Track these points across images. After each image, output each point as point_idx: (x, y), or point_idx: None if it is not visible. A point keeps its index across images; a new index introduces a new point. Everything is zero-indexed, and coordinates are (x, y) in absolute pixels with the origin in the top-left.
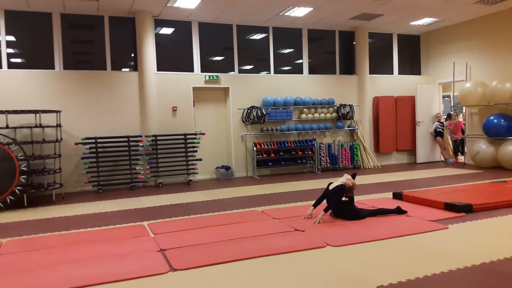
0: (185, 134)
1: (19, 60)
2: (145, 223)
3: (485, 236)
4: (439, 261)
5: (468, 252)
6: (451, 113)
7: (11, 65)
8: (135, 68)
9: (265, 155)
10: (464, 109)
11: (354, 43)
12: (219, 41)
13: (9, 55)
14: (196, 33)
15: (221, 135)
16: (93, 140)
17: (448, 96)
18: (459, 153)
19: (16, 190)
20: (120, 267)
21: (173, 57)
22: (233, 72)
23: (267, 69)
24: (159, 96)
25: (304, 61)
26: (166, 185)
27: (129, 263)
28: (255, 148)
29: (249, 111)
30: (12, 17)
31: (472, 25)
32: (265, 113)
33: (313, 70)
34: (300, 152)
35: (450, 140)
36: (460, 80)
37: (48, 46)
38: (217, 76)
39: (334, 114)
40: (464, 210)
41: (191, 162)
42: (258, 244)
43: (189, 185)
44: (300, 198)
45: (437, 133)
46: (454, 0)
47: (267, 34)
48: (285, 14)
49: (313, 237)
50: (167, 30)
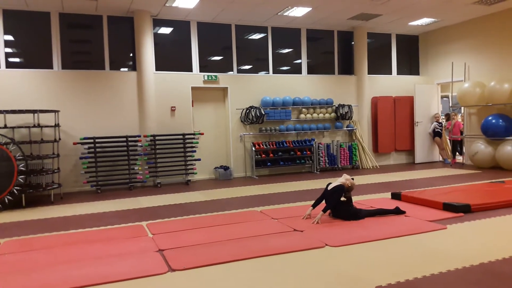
0: (184, 134)
1: (17, 59)
2: (144, 223)
3: (483, 236)
4: (438, 261)
5: (467, 252)
6: (450, 113)
7: (10, 65)
8: (133, 67)
9: (264, 155)
10: (463, 109)
11: (353, 43)
12: (217, 41)
13: (7, 55)
14: (194, 33)
15: (220, 135)
16: (92, 140)
17: (446, 96)
18: (457, 153)
19: (14, 190)
20: (118, 267)
21: (171, 56)
22: (232, 72)
23: (265, 69)
24: (157, 96)
25: (303, 61)
26: (164, 185)
27: (127, 263)
28: (253, 148)
29: (247, 111)
30: (10, 16)
31: (470, 25)
32: (263, 113)
33: (311, 70)
34: (299, 152)
35: (449, 140)
36: (459, 80)
37: (46, 46)
38: (215, 76)
39: (333, 114)
40: (463, 210)
41: (189, 162)
42: (257, 244)
43: (187, 185)
44: (299, 198)
45: (436, 133)
46: (452, 1)
47: (265, 34)
48: (284, 14)
49: (312, 237)
50: (165, 30)
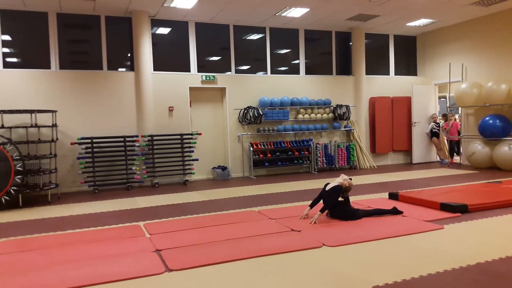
0: (182, 134)
1: (14, 59)
2: (141, 223)
3: (480, 236)
4: (435, 261)
5: (464, 252)
6: (447, 113)
7: (7, 65)
8: (131, 68)
9: (262, 156)
10: (460, 110)
11: (351, 43)
12: (215, 41)
13: (5, 55)
14: (192, 33)
15: (218, 135)
16: (89, 140)
17: (444, 97)
18: (454, 153)
19: (11, 190)
20: (115, 268)
21: (169, 57)
22: (230, 72)
23: (263, 69)
24: (155, 96)
25: (301, 61)
26: (162, 185)
27: (124, 263)
28: (251, 148)
29: (245, 111)
30: (8, 16)
31: (468, 26)
32: (261, 113)
33: (309, 71)
34: (297, 153)
35: (446, 141)
36: (456, 81)
37: (44, 46)
38: (213, 76)
39: (331, 115)
40: (460, 210)
41: (187, 162)
42: (254, 245)
43: (185, 185)
44: (297, 199)
45: (433, 134)
46: (450, 2)
47: (264, 35)
48: (282, 14)
49: (309, 237)
50: (163, 30)
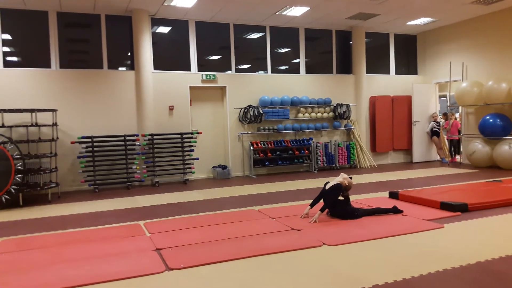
0: (182, 133)
1: (15, 58)
2: (141, 222)
3: (480, 235)
4: (435, 260)
5: (464, 251)
6: (447, 112)
7: (7, 64)
8: (131, 67)
9: (262, 155)
10: (460, 108)
11: (351, 42)
12: (216, 40)
13: (5, 54)
14: (193, 32)
15: (218, 134)
16: (90, 139)
17: (444, 95)
18: (455, 152)
19: (12, 189)
20: (116, 267)
21: (170, 56)
22: (230, 71)
23: (264, 68)
24: (155, 95)
25: (301, 60)
26: (162, 184)
27: (125, 262)
28: (252, 147)
29: (246, 110)
30: (8, 15)
31: (468, 25)
32: (262, 112)
33: (310, 70)
34: (297, 152)
35: (446, 140)
36: (457, 80)
37: (44, 45)
38: (214, 75)
39: (331, 114)
40: (460, 209)
41: (187, 161)
42: (255, 244)
43: (185, 185)
44: (297, 198)
45: (433, 133)
46: (450, 0)
47: (264, 33)
48: (282, 13)
49: (310, 236)
50: (164, 29)
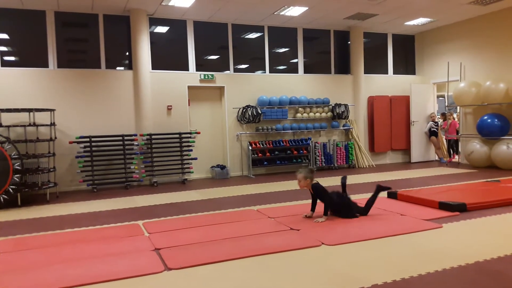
0: (180, 133)
1: (12, 58)
2: (140, 222)
3: (478, 235)
4: (433, 260)
5: (462, 251)
6: (445, 112)
7: (5, 63)
8: (129, 66)
9: (261, 154)
10: (458, 109)
11: (349, 42)
12: (214, 40)
13: (3, 53)
14: (191, 32)
15: (216, 134)
16: (88, 139)
17: (442, 96)
18: (453, 152)
19: (10, 189)
20: (114, 267)
21: (168, 55)
22: (228, 71)
23: (262, 68)
24: (154, 95)
25: (299, 60)
26: (161, 184)
27: (123, 262)
28: (250, 147)
29: (244, 110)
30: (5, 15)
31: (466, 25)
32: (260, 112)
33: (308, 70)
34: (295, 151)
35: (445, 140)
36: (454, 80)
37: (42, 44)
38: (212, 75)
39: (329, 114)
40: (458, 209)
41: (186, 161)
42: (253, 243)
43: (184, 184)
44: (295, 197)
45: (432, 133)
46: (448, 1)
47: (262, 33)
48: (280, 13)
49: (308, 236)
50: (162, 29)
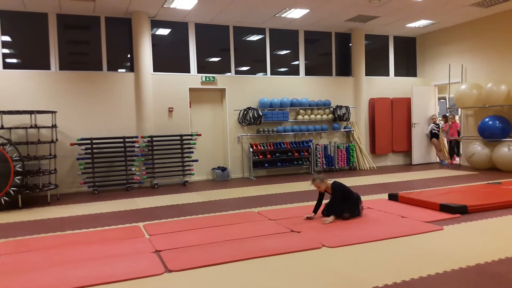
0: (181, 135)
1: (14, 60)
2: (141, 224)
3: (479, 237)
4: (434, 262)
5: (463, 253)
6: (447, 114)
7: (7, 66)
8: (131, 69)
9: (262, 156)
10: (460, 111)
11: (350, 44)
12: (215, 42)
13: (5, 56)
14: (192, 34)
15: (218, 136)
16: (89, 141)
17: (443, 98)
18: (454, 154)
19: (11, 191)
20: (115, 268)
21: (169, 58)
22: (230, 73)
23: (263, 70)
24: (155, 97)
25: (301, 62)
26: (162, 186)
27: (124, 264)
28: (251, 149)
29: (245, 112)
30: (7, 17)
31: (467, 27)
32: (261, 114)
33: (309, 72)
34: (296, 153)
35: (446, 142)
36: (456, 82)
37: (44, 47)
38: (213, 77)
39: (330, 116)
40: (459, 211)
41: (187, 163)
42: (254, 245)
43: (185, 186)
44: (296, 199)
45: (433, 135)
46: (450, 3)
47: (263, 36)
48: (282, 15)
49: (309, 238)
50: (163, 31)
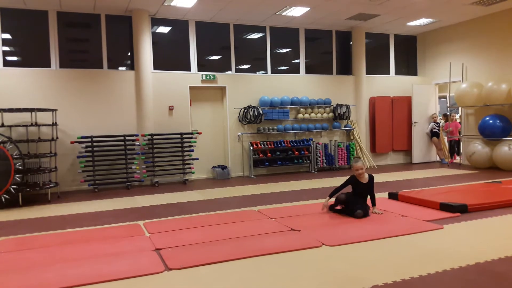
0: (182, 133)
1: (15, 58)
2: (141, 222)
3: (479, 236)
4: (434, 261)
5: (463, 252)
6: (447, 113)
7: (7, 63)
8: (131, 67)
9: (262, 155)
10: (460, 109)
11: (351, 43)
12: (216, 40)
13: (5, 53)
14: (193, 32)
15: (218, 135)
16: (89, 139)
17: (444, 96)
18: (455, 153)
19: (11, 189)
20: (115, 267)
21: (169, 56)
22: (230, 72)
23: (264, 68)
24: (155, 95)
25: (301, 61)
26: (162, 184)
27: (124, 262)
28: (251, 148)
29: (245, 110)
30: (8, 14)
31: (468, 26)
32: (261, 112)
33: (310, 70)
34: (297, 152)
35: (447, 141)
36: (456, 80)
37: (44, 44)
38: (214, 75)
39: (331, 114)
40: (459, 210)
41: (187, 162)
42: (254, 244)
43: (185, 185)
44: (296, 198)
45: (433, 134)
46: (450, 1)
47: (264, 34)
48: (282, 13)
49: (309, 236)
50: (164, 29)
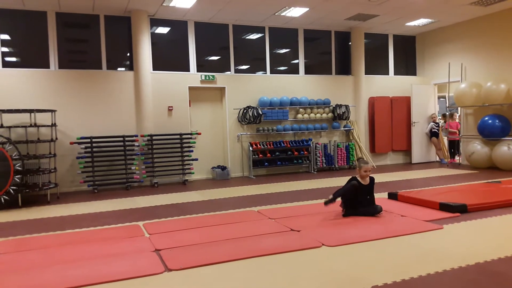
0: (181, 134)
1: (13, 59)
2: (140, 223)
3: (479, 236)
4: (434, 261)
5: (463, 252)
6: (446, 113)
7: (6, 64)
8: (130, 67)
9: (261, 155)
10: (459, 109)
11: (350, 43)
12: (215, 41)
13: (4, 54)
14: (192, 33)
15: (217, 135)
16: (89, 140)
17: (443, 96)
18: (454, 153)
19: (11, 189)
20: (115, 267)
21: (169, 56)
22: (229, 72)
23: (263, 69)
24: (154, 95)
25: (300, 61)
26: (161, 185)
27: (124, 263)
28: (251, 148)
29: (245, 111)
30: (6, 15)
31: (467, 26)
32: (261, 113)
33: (309, 70)
34: (296, 152)
35: (446, 141)
36: (455, 80)
37: (43, 45)
38: (213, 75)
39: (330, 114)
40: (459, 210)
41: (186, 162)
42: (254, 244)
43: (184, 185)
44: (296, 198)
45: (433, 134)
46: (449, 1)
47: (263, 34)
48: (281, 14)
49: (309, 237)
50: (163, 30)
